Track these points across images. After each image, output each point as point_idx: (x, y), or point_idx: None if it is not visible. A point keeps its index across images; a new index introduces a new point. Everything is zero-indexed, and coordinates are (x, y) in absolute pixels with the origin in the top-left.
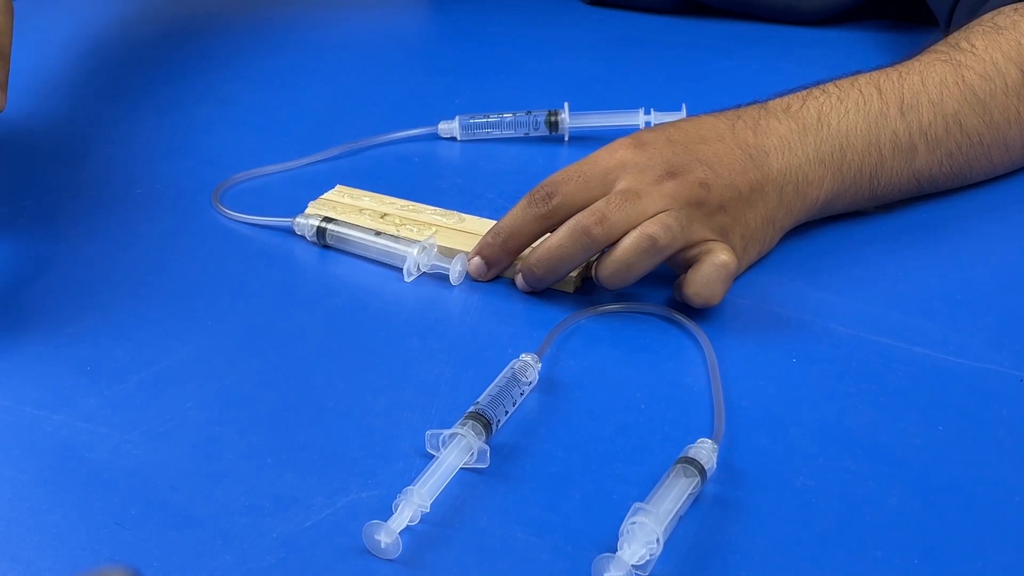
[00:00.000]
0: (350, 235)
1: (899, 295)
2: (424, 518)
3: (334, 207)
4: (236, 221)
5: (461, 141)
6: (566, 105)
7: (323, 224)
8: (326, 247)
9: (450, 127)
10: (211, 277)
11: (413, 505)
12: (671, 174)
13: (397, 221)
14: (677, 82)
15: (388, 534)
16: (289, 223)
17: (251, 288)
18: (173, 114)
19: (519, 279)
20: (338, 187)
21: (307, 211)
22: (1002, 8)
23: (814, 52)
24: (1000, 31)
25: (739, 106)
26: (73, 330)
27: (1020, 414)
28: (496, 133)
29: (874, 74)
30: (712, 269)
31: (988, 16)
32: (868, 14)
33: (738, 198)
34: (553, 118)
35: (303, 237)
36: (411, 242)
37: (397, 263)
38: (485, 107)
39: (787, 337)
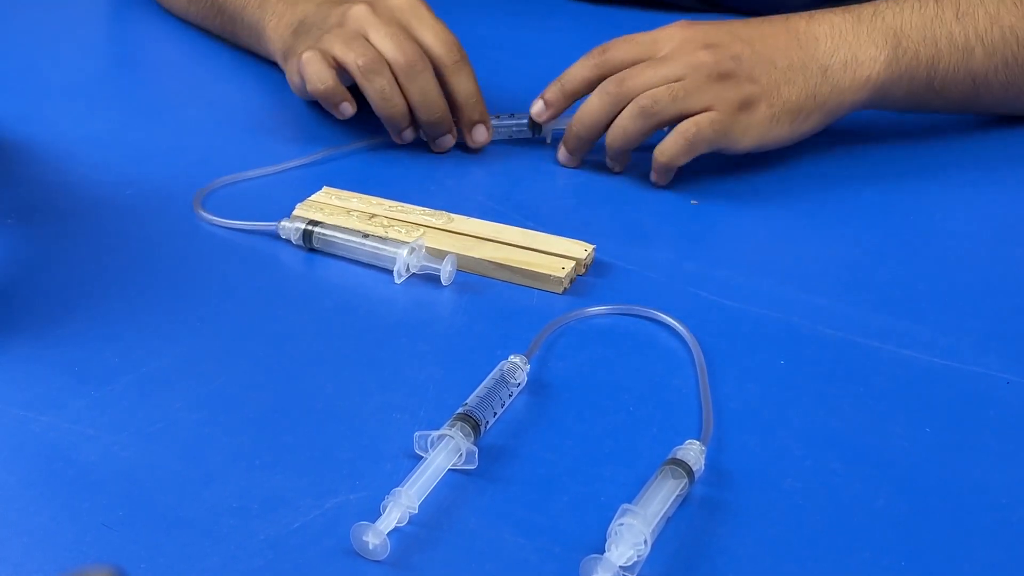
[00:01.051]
0: (337, 238)
1: (887, 298)
2: (412, 520)
3: (321, 208)
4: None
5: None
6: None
7: (309, 227)
8: (312, 251)
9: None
10: (200, 279)
11: (401, 507)
12: (707, 46)
13: (385, 222)
14: None
15: (376, 535)
16: (274, 227)
17: (240, 290)
18: (162, 116)
19: (562, 151)
20: (325, 188)
21: (294, 213)
22: None
23: None
24: None
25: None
26: (61, 331)
27: (1007, 417)
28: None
29: None
30: (675, 135)
31: None
32: None
33: (773, 71)
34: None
35: (289, 241)
36: (400, 243)
37: (387, 265)
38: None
39: (775, 339)
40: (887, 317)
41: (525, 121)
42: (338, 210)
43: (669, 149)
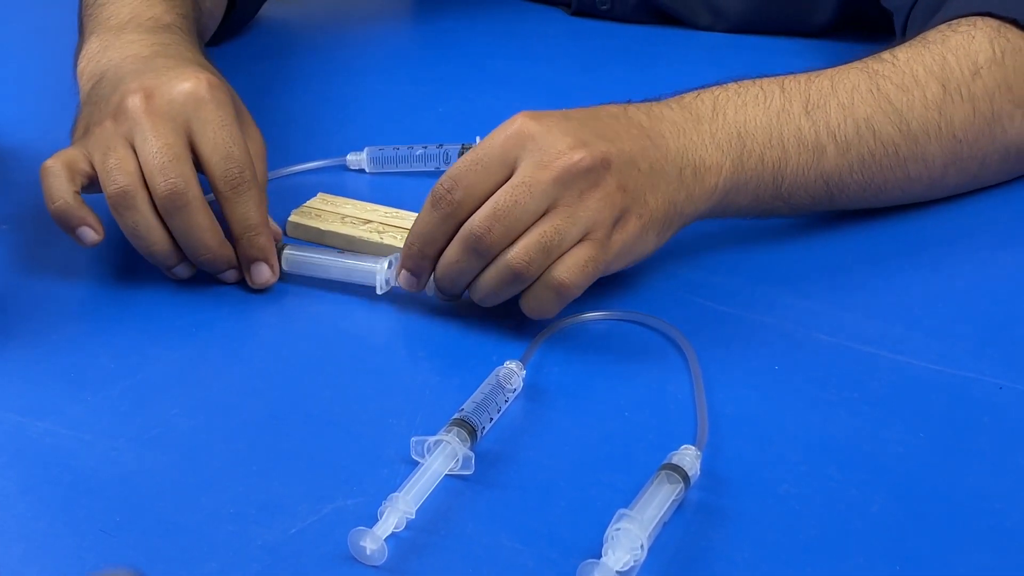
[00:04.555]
0: (312, 258)
1: (881, 304)
2: (409, 525)
3: (318, 215)
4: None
5: (370, 174)
6: (477, 139)
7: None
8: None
9: (358, 159)
10: (195, 284)
11: (398, 512)
12: (572, 149)
13: (380, 228)
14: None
15: (374, 541)
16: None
17: (235, 296)
18: None
19: (405, 277)
20: (320, 195)
21: (289, 219)
22: (938, 27)
23: (808, 66)
24: (927, 45)
25: (629, 100)
26: (57, 337)
27: (1000, 422)
28: (405, 167)
29: (778, 76)
30: (544, 289)
31: (921, 34)
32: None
33: (638, 175)
34: (466, 151)
35: None
36: (376, 258)
37: (367, 280)
38: (464, 119)
39: (770, 345)
40: (881, 323)
41: (454, 153)
42: (333, 216)
43: (539, 306)
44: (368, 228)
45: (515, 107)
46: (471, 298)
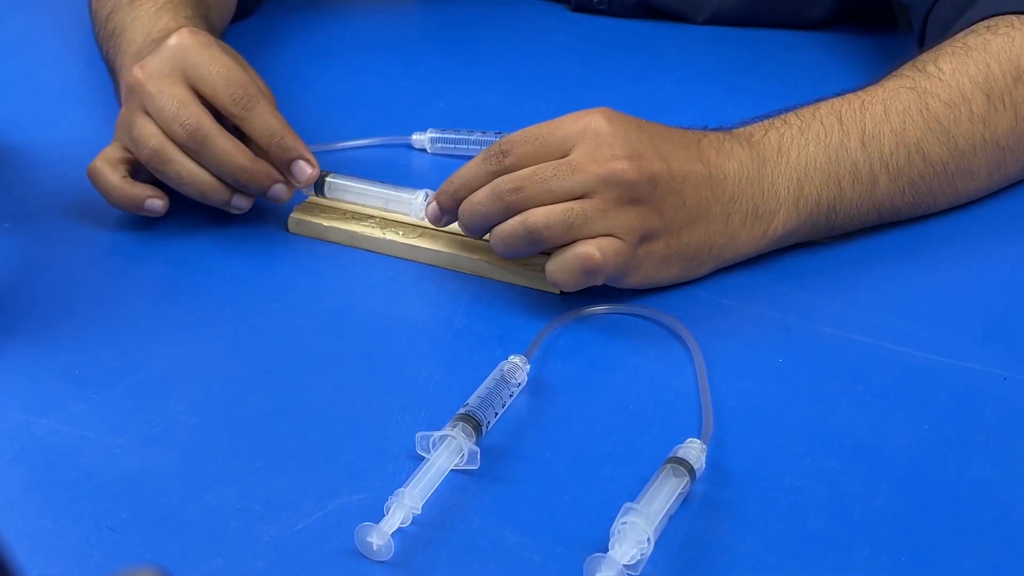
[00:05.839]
0: (353, 186)
1: (884, 297)
2: (415, 520)
3: (322, 211)
4: (225, 221)
5: (432, 154)
6: None
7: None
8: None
9: (421, 139)
10: (198, 281)
11: (404, 507)
12: (628, 158)
13: (382, 224)
14: (663, 88)
15: (380, 536)
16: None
17: (239, 291)
18: None
19: (433, 208)
20: None
21: (292, 215)
22: (975, 27)
23: (804, 59)
24: (969, 52)
25: (705, 127)
26: (60, 335)
27: (1004, 413)
28: (463, 150)
29: (836, 102)
30: (573, 259)
31: (960, 35)
32: (862, 20)
33: (680, 208)
34: None
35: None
36: (414, 190)
37: (403, 208)
38: (465, 113)
39: (774, 338)
40: (884, 315)
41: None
42: (335, 212)
43: (563, 275)
44: (370, 224)
45: (515, 101)
46: (491, 243)
